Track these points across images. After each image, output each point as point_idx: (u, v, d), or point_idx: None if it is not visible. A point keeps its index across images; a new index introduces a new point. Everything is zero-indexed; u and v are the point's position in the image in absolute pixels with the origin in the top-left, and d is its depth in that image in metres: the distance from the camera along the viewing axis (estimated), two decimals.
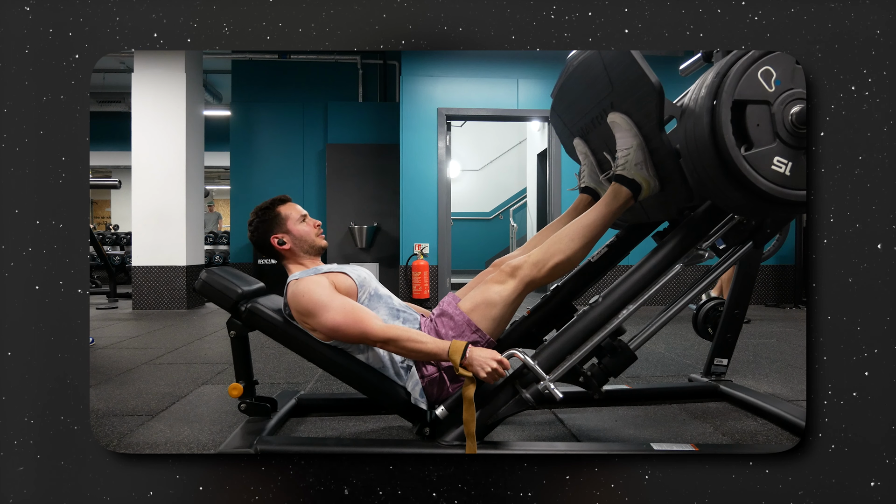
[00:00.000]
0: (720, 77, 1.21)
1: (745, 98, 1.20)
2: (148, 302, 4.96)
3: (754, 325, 3.95)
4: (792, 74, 1.21)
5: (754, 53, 1.21)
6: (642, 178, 1.45)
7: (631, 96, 1.42)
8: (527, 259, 1.49)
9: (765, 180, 1.20)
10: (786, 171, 1.20)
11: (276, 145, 6.54)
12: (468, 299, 1.53)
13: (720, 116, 1.19)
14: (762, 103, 1.21)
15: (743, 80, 1.20)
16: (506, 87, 5.42)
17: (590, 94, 1.57)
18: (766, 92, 1.20)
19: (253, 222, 1.64)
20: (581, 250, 1.48)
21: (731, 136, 1.18)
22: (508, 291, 1.49)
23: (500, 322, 1.51)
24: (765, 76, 1.20)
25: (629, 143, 1.45)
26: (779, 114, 1.21)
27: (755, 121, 1.20)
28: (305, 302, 1.47)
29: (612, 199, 1.48)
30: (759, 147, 1.20)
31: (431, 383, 1.48)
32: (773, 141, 1.21)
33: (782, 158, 1.21)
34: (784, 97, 1.21)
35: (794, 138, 1.20)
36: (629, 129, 1.45)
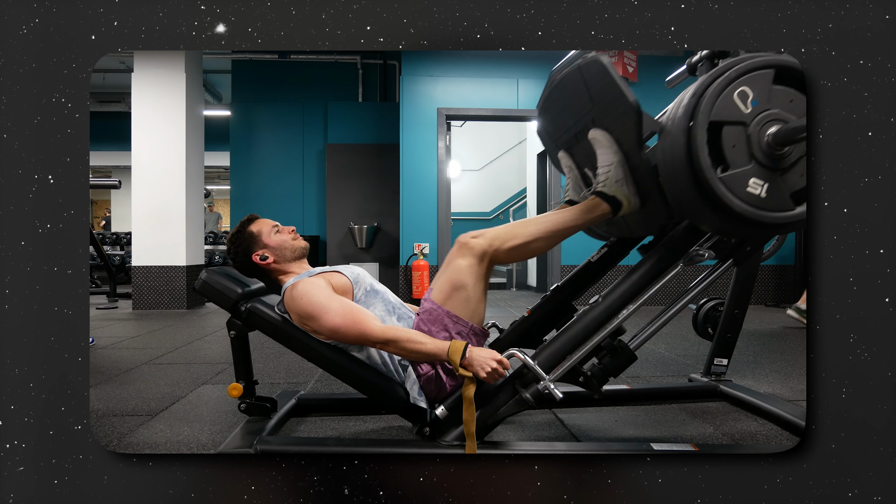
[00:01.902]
0: (696, 97, 1.20)
1: (721, 119, 1.19)
2: (148, 302, 4.96)
3: (754, 325, 3.95)
4: (768, 95, 1.20)
5: (731, 73, 1.19)
6: (623, 195, 1.46)
7: (611, 114, 1.42)
8: (486, 233, 1.47)
9: (740, 202, 1.18)
10: (761, 192, 1.19)
11: (276, 145, 6.54)
12: (438, 289, 1.50)
13: (696, 138, 1.17)
14: (738, 124, 1.19)
15: (719, 101, 1.18)
16: (506, 87, 5.42)
17: (572, 110, 1.58)
18: (742, 113, 1.19)
19: (231, 250, 1.65)
20: (542, 243, 1.47)
21: (707, 158, 1.17)
22: (467, 264, 1.46)
23: (474, 303, 1.48)
24: (741, 97, 1.19)
25: (610, 159, 1.46)
26: (755, 135, 1.19)
27: (731, 142, 1.19)
28: (304, 305, 1.47)
29: (588, 210, 1.48)
30: (735, 168, 1.19)
31: (428, 381, 1.48)
32: (749, 162, 1.19)
33: (758, 180, 1.19)
34: (760, 118, 1.19)
35: (770, 159, 1.19)
36: (610, 147, 1.46)
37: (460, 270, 1.46)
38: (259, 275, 1.67)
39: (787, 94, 1.21)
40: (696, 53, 1.71)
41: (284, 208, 6.48)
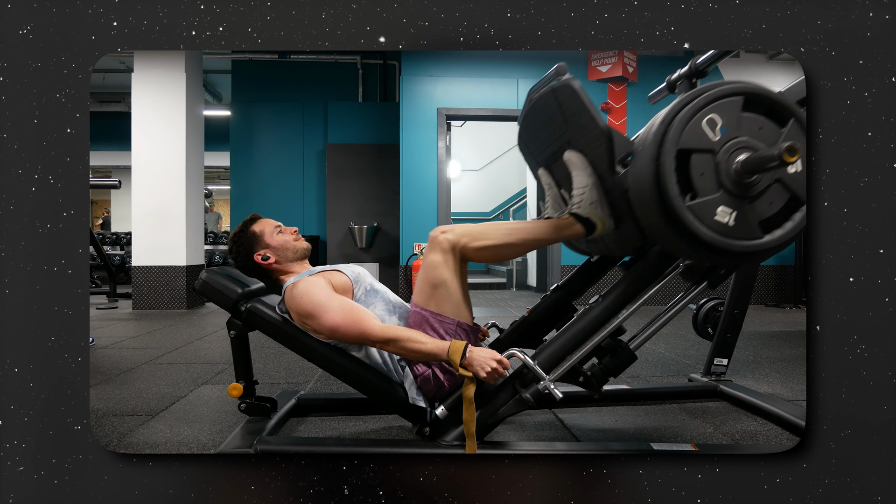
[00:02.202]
0: (665, 124, 1.18)
1: (689, 147, 1.17)
2: (148, 302, 4.96)
3: (754, 325, 3.95)
4: (738, 122, 1.19)
5: (699, 101, 1.18)
6: (597, 217, 1.46)
7: (584, 137, 1.42)
8: (455, 228, 1.47)
9: (708, 230, 1.17)
10: (729, 220, 1.18)
11: (276, 145, 6.54)
12: (417, 290, 1.51)
13: (664, 166, 1.16)
14: (706, 152, 1.18)
15: (687, 128, 1.17)
16: (506, 87, 5.42)
17: (549, 129, 1.58)
18: (710, 141, 1.18)
19: (233, 249, 1.65)
20: (510, 249, 1.47)
21: (675, 186, 1.16)
22: (440, 259, 1.45)
23: (456, 298, 1.48)
24: (710, 124, 1.18)
25: (584, 182, 1.46)
26: (723, 163, 1.18)
27: (699, 170, 1.18)
28: (304, 303, 1.47)
29: (562, 227, 1.48)
30: (703, 196, 1.18)
31: (425, 381, 1.48)
32: (717, 190, 1.18)
33: (726, 208, 1.18)
34: (729, 146, 1.18)
35: (738, 188, 1.18)
36: (584, 169, 1.46)
37: (435, 267, 1.46)
38: (260, 275, 1.67)
39: (757, 122, 1.20)
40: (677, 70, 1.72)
41: (284, 208, 6.48)
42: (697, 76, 1.69)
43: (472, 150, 9.32)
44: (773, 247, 1.21)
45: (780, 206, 1.21)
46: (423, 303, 1.48)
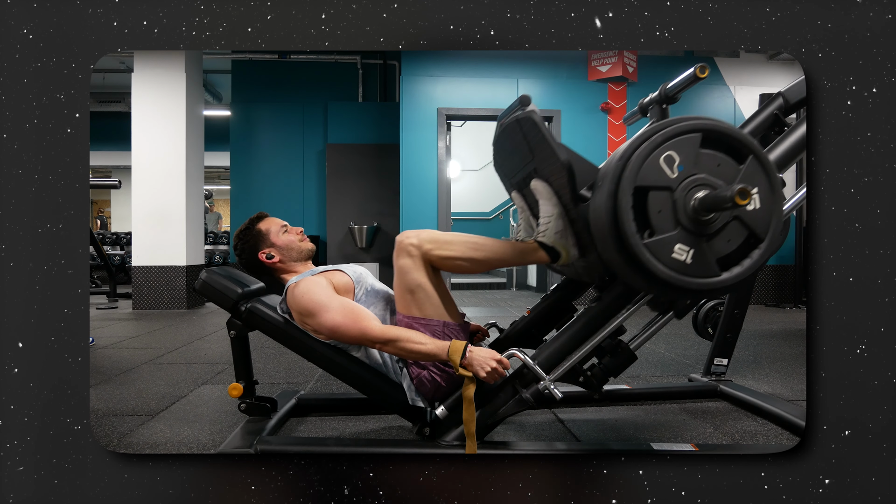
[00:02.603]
0: (623, 161, 1.18)
1: (646, 184, 1.16)
2: (148, 302, 4.96)
3: (754, 325, 3.95)
4: (696, 159, 1.18)
5: (657, 138, 1.17)
6: (561, 246, 1.47)
7: (548, 167, 1.42)
8: (420, 233, 1.46)
9: (664, 268, 1.16)
10: (687, 258, 1.17)
11: (276, 145, 6.54)
12: (397, 299, 1.50)
13: (621, 203, 1.15)
14: (664, 189, 1.17)
15: (645, 165, 1.16)
16: (506, 87, 5.42)
17: (517, 157, 1.59)
18: (668, 178, 1.17)
19: (238, 246, 1.65)
20: (472, 265, 1.46)
21: (632, 224, 1.15)
22: (407, 264, 1.45)
23: (436, 299, 1.47)
24: (667, 161, 1.17)
25: (549, 211, 1.47)
26: (681, 200, 1.17)
27: (657, 207, 1.17)
28: (305, 302, 1.47)
29: (527, 252, 1.49)
30: (660, 234, 1.17)
31: (422, 383, 1.48)
32: (675, 228, 1.17)
33: (683, 246, 1.17)
34: (686, 183, 1.17)
35: (695, 225, 1.17)
36: (549, 199, 1.47)
37: (406, 272, 1.45)
38: (263, 273, 1.67)
39: (715, 159, 1.19)
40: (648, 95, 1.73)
41: (284, 208, 6.48)
42: (668, 102, 1.70)
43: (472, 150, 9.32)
44: (731, 284, 1.20)
45: (738, 244, 1.20)
46: (404, 310, 1.48)
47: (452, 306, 1.52)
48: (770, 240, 1.19)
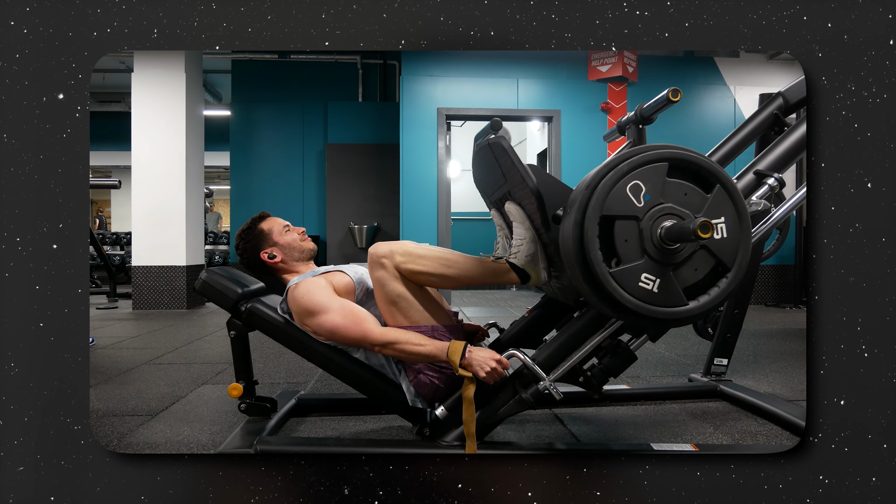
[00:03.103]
0: (590, 190, 1.17)
1: (612, 213, 1.16)
2: (148, 302, 4.96)
3: (754, 325, 3.95)
4: (662, 188, 1.17)
5: (623, 167, 1.17)
6: (531, 269, 1.47)
7: (519, 191, 1.42)
8: (392, 245, 1.45)
9: (631, 297, 1.16)
10: (653, 287, 1.17)
11: (276, 145, 6.54)
12: (383, 311, 1.49)
13: (587, 233, 1.15)
14: (630, 219, 1.17)
15: (611, 194, 1.16)
16: (506, 87, 5.42)
17: (491, 178, 1.59)
18: (634, 207, 1.17)
19: (240, 245, 1.65)
20: (443, 280, 1.45)
21: (598, 253, 1.15)
22: (382, 275, 1.44)
23: (417, 306, 1.46)
24: (633, 191, 1.17)
25: (522, 234, 1.48)
26: (647, 229, 1.17)
27: (623, 236, 1.17)
28: (305, 304, 1.47)
29: (499, 272, 1.48)
30: (626, 263, 1.17)
31: (420, 385, 1.48)
32: (641, 257, 1.17)
33: (650, 275, 1.17)
34: (653, 213, 1.17)
35: (662, 255, 1.17)
36: (522, 222, 1.47)
37: (384, 283, 1.44)
38: (265, 272, 1.67)
39: (682, 188, 1.19)
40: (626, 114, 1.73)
41: (284, 208, 6.48)
42: (644, 122, 1.70)
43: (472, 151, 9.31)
44: (698, 313, 1.20)
45: (705, 273, 1.20)
46: (392, 321, 1.47)
47: (440, 309, 1.51)
48: (738, 268, 1.19)
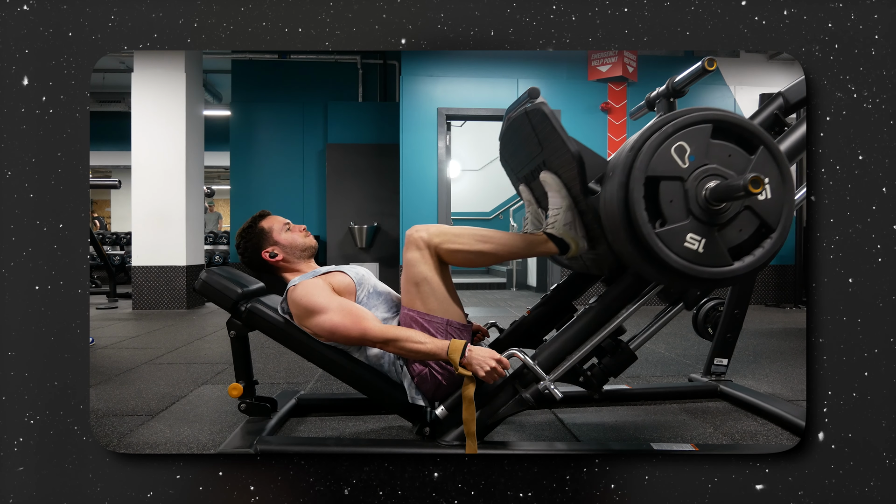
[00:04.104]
0: (634, 152, 1.18)
1: (657, 174, 1.17)
2: (148, 302, 4.96)
3: (755, 325, 3.95)
4: (706, 150, 1.19)
5: (668, 128, 1.18)
6: (570, 238, 1.47)
7: (557, 159, 1.42)
8: (430, 227, 1.47)
9: (677, 257, 1.17)
10: (698, 248, 1.18)
11: (276, 145, 6.53)
12: (404, 291, 1.50)
13: (632, 193, 1.16)
14: (675, 179, 1.18)
15: (656, 155, 1.17)
16: (506, 87, 5.42)
17: (525, 150, 1.59)
18: (679, 168, 1.18)
19: (241, 245, 1.66)
20: (482, 257, 1.46)
21: (644, 213, 1.16)
22: (416, 257, 1.45)
23: (441, 295, 1.47)
24: (678, 152, 1.18)
25: (559, 203, 1.47)
26: (692, 190, 1.18)
27: (668, 197, 1.18)
28: (305, 304, 1.47)
29: (536, 244, 1.49)
30: (671, 224, 1.18)
31: (423, 380, 1.48)
32: (686, 218, 1.18)
33: (695, 235, 1.18)
34: (698, 173, 1.18)
35: (707, 215, 1.18)
36: (559, 191, 1.47)
37: (413, 264, 1.46)
38: (266, 271, 1.67)
39: (726, 149, 1.20)
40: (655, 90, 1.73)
41: (284, 208, 6.47)
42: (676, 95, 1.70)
43: (472, 150, 9.32)
44: (743, 274, 1.20)
45: (749, 233, 1.21)
46: (408, 303, 1.48)
47: (457, 305, 1.52)
48: (782, 229, 1.20)
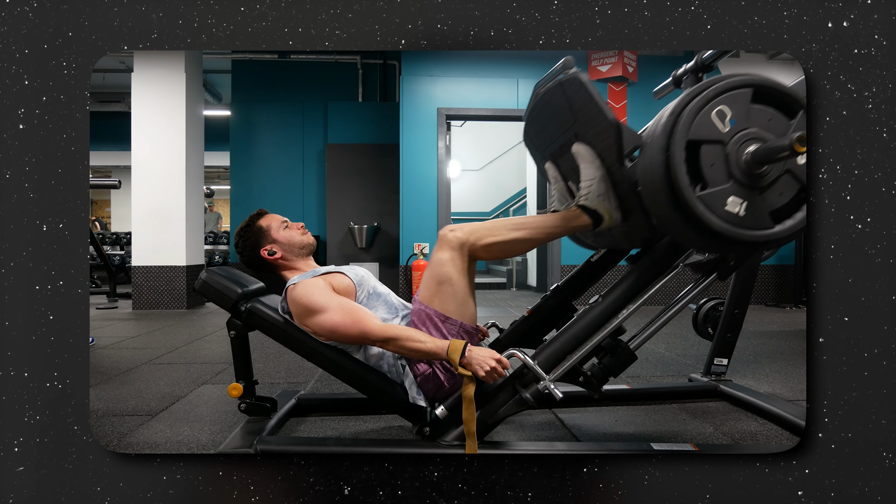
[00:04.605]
0: (674, 116, 1.19)
1: (698, 138, 1.18)
2: (148, 302, 4.96)
3: (754, 325, 3.95)
4: (747, 114, 1.20)
5: (708, 92, 1.19)
6: (604, 209, 1.46)
7: (592, 129, 1.42)
8: (464, 226, 1.47)
9: (719, 220, 1.18)
10: (740, 210, 1.19)
11: (276, 145, 6.53)
12: (423, 286, 1.50)
13: (674, 157, 1.17)
14: (716, 143, 1.19)
15: (697, 119, 1.18)
16: (506, 87, 5.42)
17: (555, 123, 1.59)
18: (720, 132, 1.19)
19: (239, 244, 1.66)
20: (518, 244, 1.47)
21: (685, 177, 1.17)
22: (448, 257, 1.45)
23: (461, 297, 1.47)
24: (719, 116, 1.19)
25: (592, 174, 1.46)
26: (733, 154, 1.19)
27: (709, 161, 1.19)
28: (304, 304, 1.47)
29: (570, 219, 1.48)
30: (713, 187, 1.19)
31: (426, 380, 1.48)
32: (728, 181, 1.19)
33: (737, 198, 1.19)
34: (738, 137, 1.19)
35: (748, 178, 1.19)
36: (592, 161, 1.46)
37: (442, 264, 1.45)
38: (265, 269, 1.67)
39: (766, 114, 1.21)
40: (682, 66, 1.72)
41: (284, 208, 6.47)
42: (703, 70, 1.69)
43: (472, 150, 9.32)
44: (784, 236, 1.22)
45: (790, 197, 1.22)
46: (426, 299, 1.48)
47: (473, 308, 1.52)
48: None
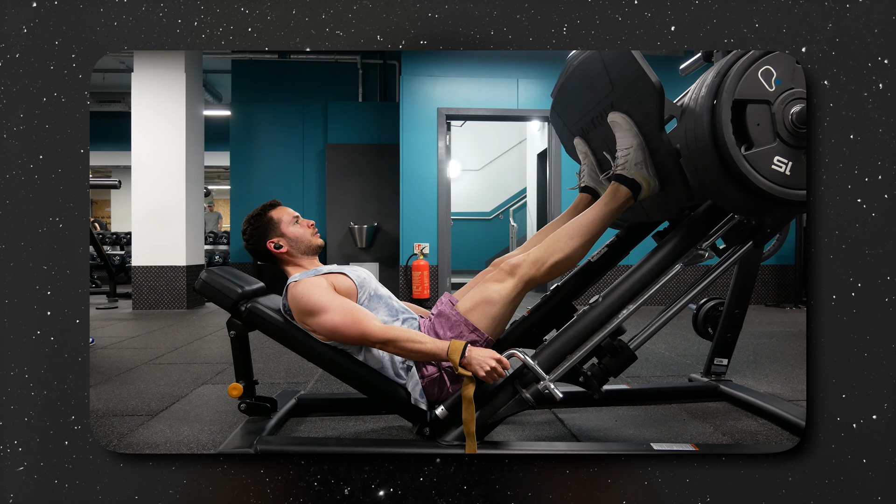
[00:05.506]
0: (720, 77, 1.21)
1: (745, 98, 1.20)
2: (148, 302, 4.96)
3: (754, 325, 3.95)
4: (792, 74, 1.22)
5: (754, 53, 1.21)
6: (642, 177, 1.45)
7: (631, 96, 1.42)
8: (526, 258, 1.48)
9: (765, 180, 1.20)
10: (786, 170, 1.21)
11: (276, 145, 6.53)
12: (467, 299, 1.52)
13: (720, 116, 1.19)
14: (762, 103, 1.21)
15: (743, 79, 1.20)
16: (506, 87, 5.42)
17: (590, 94, 1.58)
18: (766, 91, 1.21)
19: (247, 231, 1.65)
20: (580, 249, 1.48)
21: (732, 136, 1.19)
22: (507, 290, 1.48)
23: (499, 321, 1.51)
24: (765, 76, 1.21)
25: (629, 142, 1.45)
26: (779, 113, 1.21)
27: (755, 120, 1.21)
28: (305, 303, 1.47)
29: (611, 198, 1.48)
30: (759, 147, 1.20)
31: (432, 383, 1.48)
32: (774, 140, 1.21)
33: (782, 158, 1.21)
34: (784, 97, 1.21)
35: (794, 138, 1.21)
36: (629, 129, 1.45)
37: (498, 292, 1.48)
38: (268, 261, 1.66)
39: None
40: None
41: None
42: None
43: (472, 150, 9.31)
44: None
45: None
46: (465, 309, 1.51)
47: (503, 329, 1.55)
48: None
